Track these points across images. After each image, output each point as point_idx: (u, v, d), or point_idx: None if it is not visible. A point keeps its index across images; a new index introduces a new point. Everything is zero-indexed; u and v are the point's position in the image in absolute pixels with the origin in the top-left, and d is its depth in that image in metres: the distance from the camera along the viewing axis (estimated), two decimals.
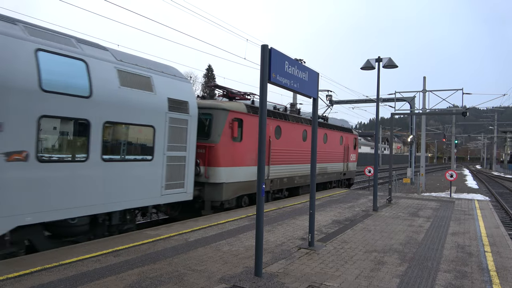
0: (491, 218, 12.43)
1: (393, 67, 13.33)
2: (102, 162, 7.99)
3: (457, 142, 52.00)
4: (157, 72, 9.57)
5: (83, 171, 7.63)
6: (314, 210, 7.76)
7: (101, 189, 8.01)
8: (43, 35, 7.32)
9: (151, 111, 9.09)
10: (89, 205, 7.78)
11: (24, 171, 6.65)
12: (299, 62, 7.10)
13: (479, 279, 6.20)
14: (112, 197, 8.24)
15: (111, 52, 8.70)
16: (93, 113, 7.73)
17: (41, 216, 6.95)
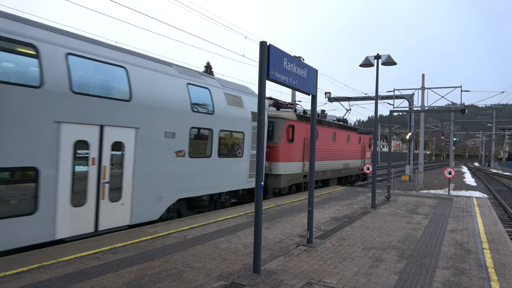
0: (489, 215, 12.46)
1: (392, 64, 13.30)
2: (218, 158, 11.71)
3: (455, 140, 52.09)
4: (243, 92, 13.23)
5: (209, 164, 11.33)
6: (312, 208, 7.76)
7: (218, 177, 11.73)
8: (186, 72, 10.98)
9: (242, 121, 12.74)
10: (212, 187, 11.55)
11: (183, 163, 10.32)
12: (298, 59, 7.08)
13: (477, 276, 6.21)
14: (222, 183, 11.99)
15: (217, 80, 12.37)
16: (214, 125, 11.49)
17: (190, 192, 10.73)
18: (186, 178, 10.45)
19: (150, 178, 9.37)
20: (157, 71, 9.83)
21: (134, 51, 9.77)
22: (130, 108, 8.81)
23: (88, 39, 8.59)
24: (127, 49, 9.56)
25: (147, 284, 5.35)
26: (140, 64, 9.42)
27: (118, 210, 8.59)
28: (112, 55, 8.72)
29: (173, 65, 10.75)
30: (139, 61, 9.45)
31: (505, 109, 64.10)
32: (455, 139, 49.80)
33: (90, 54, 8.14)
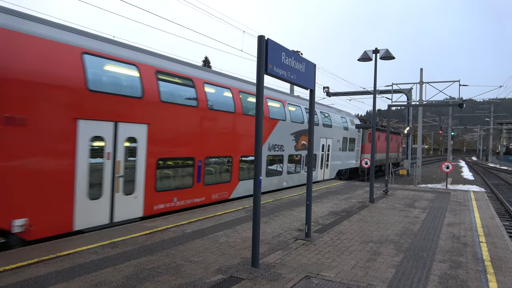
0: (486, 209, 12.53)
1: (390, 59, 13.28)
2: (343, 152, 22.20)
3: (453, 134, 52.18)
4: (347, 115, 24.04)
5: (344, 154, 22.44)
6: (311, 202, 7.79)
7: (344, 161, 22.65)
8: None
9: (353, 132, 24.03)
10: (344, 165, 22.99)
11: (345, 153, 22.77)
12: (296, 53, 7.06)
13: (474, 269, 6.26)
14: (346, 164, 23.19)
15: (347, 114, 24.20)
16: (347, 135, 22.91)
17: (342, 166, 22.70)
18: (341, 159, 22.35)
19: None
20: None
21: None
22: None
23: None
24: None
25: (146, 278, 5.37)
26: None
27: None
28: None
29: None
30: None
31: (503, 103, 64.21)
32: (453, 133, 49.87)
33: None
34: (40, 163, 7.13)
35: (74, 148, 7.66)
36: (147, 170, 9.26)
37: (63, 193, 7.53)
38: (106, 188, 8.30)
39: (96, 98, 8.03)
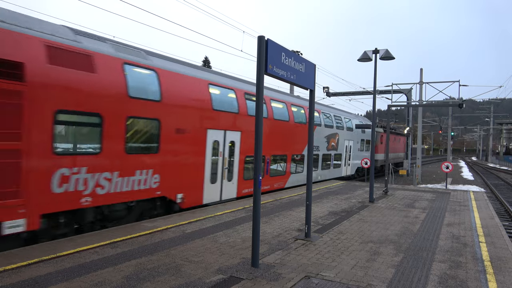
0: (486, 209, 12.54)
1: (390, 59, 13.30)
2: (360, 152, 25.63)
3: (453, 134, 52.19)
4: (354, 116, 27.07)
5: (361, 154, 25.53)
6: (310, 202, 7.80)
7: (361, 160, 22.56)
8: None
9: (369, 134, 25.51)
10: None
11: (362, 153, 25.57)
12: (296, 53, 7.07)
13: (474, 269, 6.27)
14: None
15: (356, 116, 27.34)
16: (364, 138, 26.07)
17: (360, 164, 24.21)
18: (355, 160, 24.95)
19: None
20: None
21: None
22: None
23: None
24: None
25: (146, 278, 5.38)
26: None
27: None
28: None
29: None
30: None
31: (503, 103, 64.20)
32: (452, 133, 49.89)
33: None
34: (189, 158, 10.56)
35: (204, 148, 11.13)
36: (239, 165, 12.73)
37: (199, 179, 11.00)
38: (219, 176, 11.83)
39: (216, 114, 11.51)
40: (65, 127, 7.69)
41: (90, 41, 8.39)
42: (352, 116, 25.66)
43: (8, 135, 6.58)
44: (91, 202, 8.07)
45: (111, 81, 8.42)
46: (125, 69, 8.82)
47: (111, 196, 8.48)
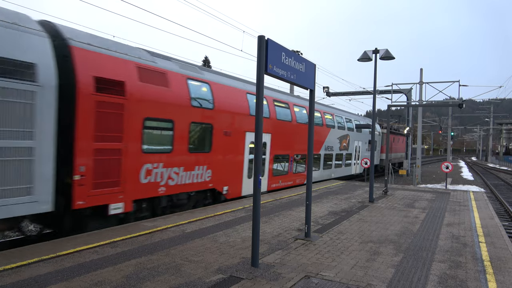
0: (486, 209, 12.54)
1: (390, 59, 13.29)
2: (368, 151, 25.95)
3: (453, 134, 52.19)
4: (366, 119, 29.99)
5: (369, 154, 25.50)
6: (310, 202, 7.80)
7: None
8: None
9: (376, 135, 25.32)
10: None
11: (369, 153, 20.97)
12: (296, 53, 7.07)
13: (473, 269, 6.27)
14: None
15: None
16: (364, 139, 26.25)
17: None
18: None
19: None
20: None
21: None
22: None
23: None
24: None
25: (146, 277, 5.38)
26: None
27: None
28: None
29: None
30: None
31: (503, 103, 64.17)
32: (452, 133, 49.90)
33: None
34: (233, 156, 12.48)
35: (244, 148, 13.02)
36: (269, 163, 14.66)
37: (239, 174, 12.92)
38: (248, 170, 13.44)
39: (253, 119, 12.25)
40: (149, 131, 9.55)
41: (162, 60, 10.31)
42: (360, 118, 28.08)
43: (113, 138, 8.53)
44: (165, 191, 10.08)
45: (179, 93, 10.35)
46: (188, 83, 10.77)
47: (178, 187, 10.49)
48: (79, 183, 7.88)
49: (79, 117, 7.81)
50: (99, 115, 8.16)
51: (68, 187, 7.80)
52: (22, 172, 6.92)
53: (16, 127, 6.86)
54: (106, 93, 8.30)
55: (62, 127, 7.63)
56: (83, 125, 7.90)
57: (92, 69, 8.12)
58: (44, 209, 7.30)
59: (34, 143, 7.10)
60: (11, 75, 6.74)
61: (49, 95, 7.30)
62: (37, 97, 7.10)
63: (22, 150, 6.92)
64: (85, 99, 7.90)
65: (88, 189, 8.03)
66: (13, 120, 6.80)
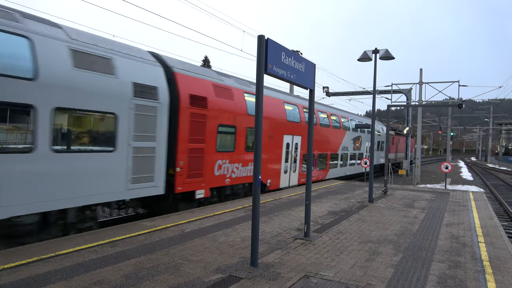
0: (485, 209, 12.55)
1: (389, 59, 13.30)
2: (377, 151, 30.26)
3: (452, 134, 52.22)
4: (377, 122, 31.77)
5: (377, 153, 29.83)
6: (310, 201, 7.80)
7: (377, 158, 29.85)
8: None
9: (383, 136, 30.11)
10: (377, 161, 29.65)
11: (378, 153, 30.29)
12: (296, 53, 7.07)
13: (473, 269, 6.28)
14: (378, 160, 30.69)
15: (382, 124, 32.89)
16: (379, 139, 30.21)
17: (376, 162, 29.59)
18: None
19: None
20: None
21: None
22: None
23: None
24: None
25: (146, 276, 5.38)
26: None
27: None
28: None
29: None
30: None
31: (502, 104, 64.15)
32: (452, 134, 49.92)
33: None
34: (274, 155, 15.09)
35: (281, 148, 15.64)
36: (300, 160, 17.26)
37: (278, 170, 15.50)
38: (288, 168, 16.33)
39: (288, 124, 16.05)
40: (221, 135, 12.03)
41: (226, 78, 12.92)
42: (370, 121, 32.33)
43: (199, 140, 11.08)
44: (229, 182, 12.67)
45: (239, 104, 12.92)
46: (244, 96, 13.29)
47: (237, 179, 13.11)
48: (179, 174, 10.44)
49: (180, 125, 10.38)
50: (192, 123, 10.77)
51: (172, 176, 10.35)
52: (150, 165, 9.49)
53: (147, 133, 9.37)
54: (196, 107, 10.89)
55: (170, 132, 10.12)
56: (183, 130, 10.48)
57: (187, 88, 10.67)
58: (160, 192, 9.88)
59: (156, 144, 9.62)
60: (145, 96, 9.23)
61: (164, 109, 9.79)
62: (158, 111, 9.61)
63: (150, 149, 9.47)
64: (184, 112, 10.49)
65: (183, 179, 10.63)
66: (146, 127, 9.30)
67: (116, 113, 8.51)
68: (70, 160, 7.64)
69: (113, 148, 8.51)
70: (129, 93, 8.80)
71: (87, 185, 7.96)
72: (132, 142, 8.94)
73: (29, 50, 6.96)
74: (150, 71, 9.50)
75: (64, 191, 7.50)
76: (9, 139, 6.84)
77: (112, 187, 8.52)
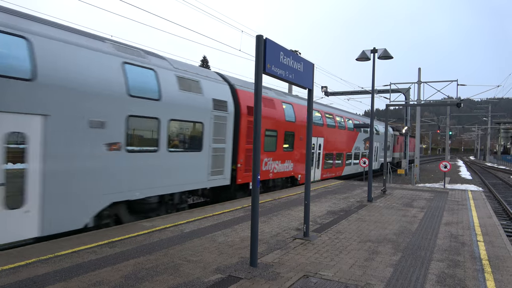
0: (484, 208, 12.57)
1: (388, 58, 13.30)
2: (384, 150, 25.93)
3: (451, 134, 52.28)
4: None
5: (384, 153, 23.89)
6: (309, 201, 7.80)
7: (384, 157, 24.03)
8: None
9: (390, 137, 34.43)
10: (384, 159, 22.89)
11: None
12: (295, 53, 7.07)
13: (472, 268, 6.28)
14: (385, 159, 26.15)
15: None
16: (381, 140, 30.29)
17: (383, 160, 21.02)
18: None
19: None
20: None
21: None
22: None
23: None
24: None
25: (145, 277, 5.37)
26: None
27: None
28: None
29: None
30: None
31: (501, 103, 64.25)
32: (450, 133, 49.98)
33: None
34: (302, 153, 17.16)
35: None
36: (322, 158, 20.17)
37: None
38: (314, 165, 19.14)
39: (314, 127, 17.98)
40: (267, 137, 14.67)
41: (269, 90, 15.57)
42: (377, 123, 32.88)
43: (251, 142, 13.16)
44: (272, 176, 15.33)
45: (279, 112, 15.51)
46: (282, 105, 15.94)
47: (277, 174, 15.78)
48: (239, 169, 13.05)
49: (241, 130, 12.89)
50: (248, 129, 13.18)
51: (234, 171, 12.91)
52: (221, 161, 12.14)
53: (221, 137, 11.99)
54: (250, 115, 13.16)
55: (234, 136, 12.71)
56: (242, 135, 12.96)
57: (245, 101, 13.21)
58: (227, 183, 12.58)
59: (226, 146, 12.27)
60: (220, 108, 11.88)
61: (230, 118, 12.41)
62: (227, 120, 12.27)
63: (222, 149, 12.13)
64: (243, 119, 12.99)
65: (242, 173, 13.21)
66: (220, 132, 11.95)
67: (203, 122, 11.23)
68: (177, 158, 10.22)
69: (200, 149, 11.23)
70: (210, 107, 11.48)
71: (185, 176, 10.60)
72: (212, 144, 11.64)
73: (156, 80, 9.64)
74: (222, 88, 12.28)
75: (172, 180, 10.07)
76: (145, 143, 9.40)
77: (199, 178, 11.29)
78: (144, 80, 9.33)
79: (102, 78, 8.16)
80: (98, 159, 8.08)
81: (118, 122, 8.48)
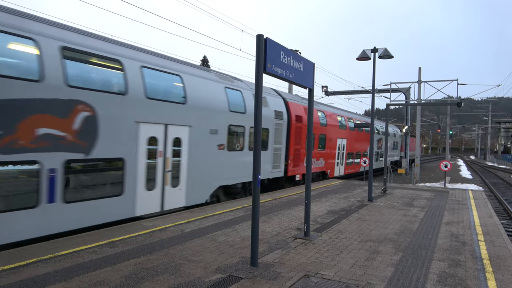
0: (484, 207, 12.56)
1: (388, 58, 13.29)
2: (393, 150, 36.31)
3: (451, 133, 52.22)
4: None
5: (392, 152, 35.38)
6: (309, 201, 7.79)
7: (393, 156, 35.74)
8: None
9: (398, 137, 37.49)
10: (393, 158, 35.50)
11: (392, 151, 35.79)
12: (295, 52, 7.06)
13: (473, 267, 6.28)
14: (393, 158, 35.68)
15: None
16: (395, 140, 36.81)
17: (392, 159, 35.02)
18: None
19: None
20: None
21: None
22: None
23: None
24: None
25: (146, 277, 5.37)
26: None
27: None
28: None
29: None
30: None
31: (501, 102, 64.16)
32: (451, 132, 49.92)
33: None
34: (331, 152, 21.03)
35: (335, 148, 21.65)
36: (345, 157, 23.21)
37: (333, 163, 21.56)
38: (338, 162, 22.24)
39: (339, 131, 22.21)
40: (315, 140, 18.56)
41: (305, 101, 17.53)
42: (392, 126, 36.70)
43: (298, 143, 16.83)
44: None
45: (316, 119, 19.03)
46: (317, 112, 19.50)
47: (314, 169, 19.43)
48: (289, 164, 16.43)
49: (291, 134, 16.26)
50: (296, 133, 16.51)
51: (286, 166, 16.28)
52: (279, 158, 15.57)
53: (278, 139, 15.36)
54: (298, 122, 16.64)
55: (286, 139, 16.03)
56: (292, 138, 16.30)
57: (294, 111, 16.61)
58: (282, 175, 16.09)
59: (281, 146, 15.68)
60: (278, 118, 15.25)
61: (285, 125, 15.80)
62: (282, 126, 15.60)
63: (279, 149, 15.46)
64: (292, 126, 16.35)
65: (291, 168, 16.62)
66: (278, 136, 15.31)
67: (269, 128, 14.64)
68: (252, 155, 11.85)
69: (267, 148, 14.63)
70: (273, 117, 14.92)
71: None
72: (273, 145, 15.03)
73: (242, 98, 13.12)
74: (279, 102, 15.81)
75: (251, 172, 11.80)
76: (236, 144, 12.81)
77: (266, 171, 14.86)
78: (236, 99, 12.80)
79: (216, 99, 11.71)
80: (214, 155, 11.60)
81: (223, 129, 11.99)
